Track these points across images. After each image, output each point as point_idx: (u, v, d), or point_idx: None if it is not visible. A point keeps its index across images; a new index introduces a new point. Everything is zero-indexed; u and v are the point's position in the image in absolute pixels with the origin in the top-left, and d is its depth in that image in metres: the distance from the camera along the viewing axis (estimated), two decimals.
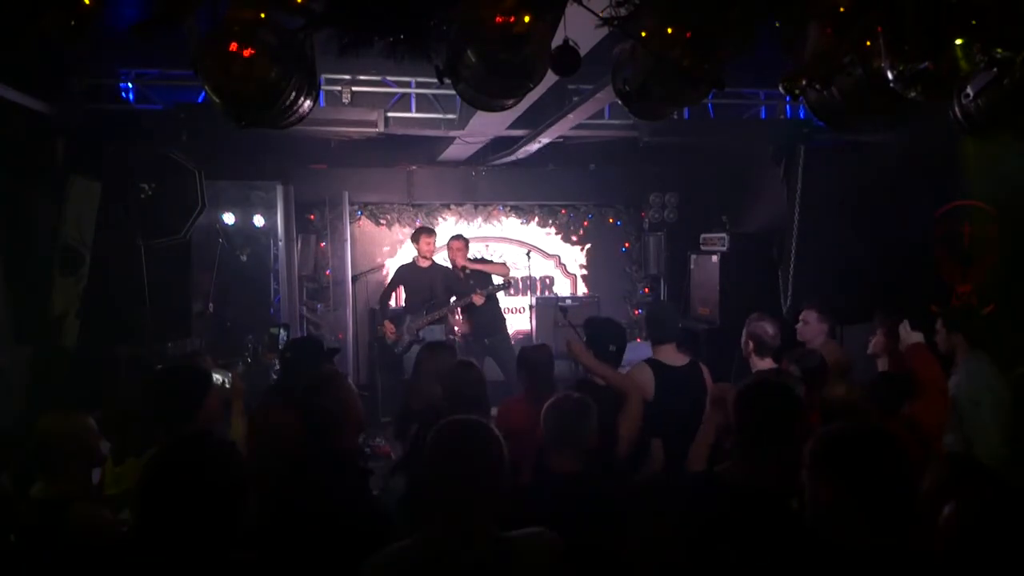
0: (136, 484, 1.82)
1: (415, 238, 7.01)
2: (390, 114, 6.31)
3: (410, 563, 1.89)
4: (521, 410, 3.69)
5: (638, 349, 5.83)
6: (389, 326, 6.82)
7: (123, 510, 2.67)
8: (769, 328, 4.15)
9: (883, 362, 4.18)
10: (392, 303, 7.13)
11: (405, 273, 7.02)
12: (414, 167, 8.20)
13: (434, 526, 1.91)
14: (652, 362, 4.06)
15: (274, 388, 3.58)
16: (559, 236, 8.82)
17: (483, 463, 1.91)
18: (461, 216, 8.49)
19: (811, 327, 4.67)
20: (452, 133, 6.54)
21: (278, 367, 3.61)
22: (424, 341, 6.53)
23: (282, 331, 4.90)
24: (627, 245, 8.90)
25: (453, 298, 6.84)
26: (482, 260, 7.45)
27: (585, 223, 8.79)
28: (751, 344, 4.17)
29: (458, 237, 7.12)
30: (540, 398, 3.39)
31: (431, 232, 7.09)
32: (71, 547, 2.41)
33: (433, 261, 7.01)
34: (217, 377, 3.94)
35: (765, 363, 4.14)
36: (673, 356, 4.13)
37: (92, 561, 2.21)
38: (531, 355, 4.05)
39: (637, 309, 8.69)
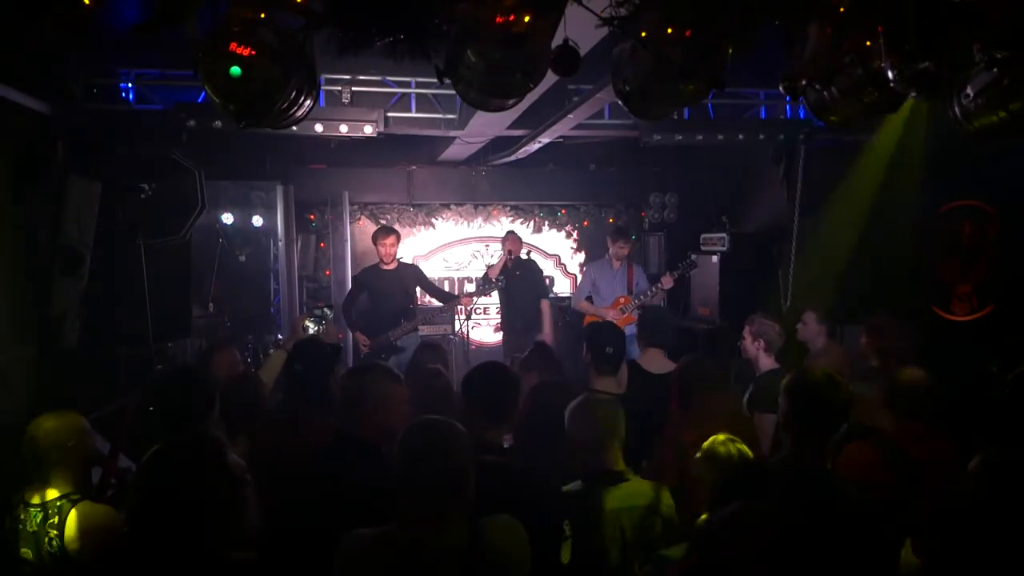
0: (131, 483, 1.83)
1: (373, 240, 6.54)
2: (390, 114, 6.31)
3: (386, 543, 1.99)
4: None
5: None
6: (362, 338, 6.35)
7: (123, 510, 2.67)
8: (776, 327, 4.22)
9: (875, 363, 4.18)
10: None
11: (369, 279, 6.55)
12: (414, 167, 8.20)
13: (408, 514, 2.00)
14: (631, 363, 4.08)
15: (284, 402, 3.47)
16: (560, 235, 8.82)
17: (452, 459, 2.01)
18: (461, 216, 8.48)
19: (809, 328, 4.75)
20: (452, 133, 6.54)
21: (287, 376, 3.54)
22: (401, 349, 6.24)
23: (327, 310, 4.66)
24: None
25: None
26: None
27: (585, 223, 8.79)
28: (762, 343, 4.20)
29: (513, 233, 7.24)
30: None
31: (388, 232, 6.54)
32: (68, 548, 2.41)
33: (399, 262, 6.56)
34: (311, 325, 4.14)
35: (770, 361, 4.17)
36: (657, 362, 4.12)
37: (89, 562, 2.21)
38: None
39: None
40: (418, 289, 6.79)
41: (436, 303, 7.05)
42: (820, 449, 2.53)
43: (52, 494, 2.52)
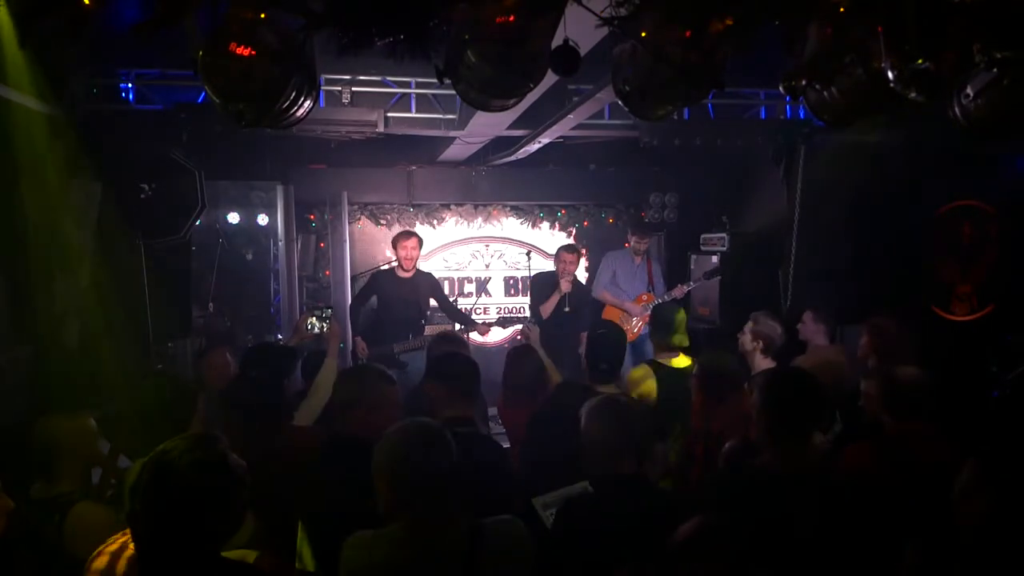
0: (132, 485, 1.83)
1: (393, 243, 6.25)
2: (390, 114, 6.30)
3: (390, 544, 2.03)
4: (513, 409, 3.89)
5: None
6: (361, 344, 5.99)
7: (122, 510, 2.67)
8: (779, 328, 4.20)
9: (873, 363, 4.18)
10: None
11: (382, 282, 6.24)
12: (414, 167, 8.20)
13: (409, 515, 2.05)
14: (653, 363, 4.09)
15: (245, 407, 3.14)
16: (562, 235, 8.81)
17: (448, 458, 2.09)
18: (461, 216, 8.48)
19: (807, 327, 4.75)
20: (452, 133, 6.54)
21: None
22: (404, 364, 5.88)
23: (328, 310, 4.47)
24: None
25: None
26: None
27: (585, 223, 8.79)
28: (760, 343, 4.18)
29: (571, 249, 6.41)
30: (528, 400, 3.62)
31: (410, 235, 6.22)
32: (69, 547, 2.41)
33: (417, 269, 6.25)
34: (314, 322, 4.15)
35: (767, 362, 4.15)
36: (678, 358, 4.15)
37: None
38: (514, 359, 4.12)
39: None
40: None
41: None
42: (798, 450, 2.47)
43: (54, 492, 2.52)
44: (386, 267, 6.57)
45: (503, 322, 6.60)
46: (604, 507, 2.47)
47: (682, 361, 4.14)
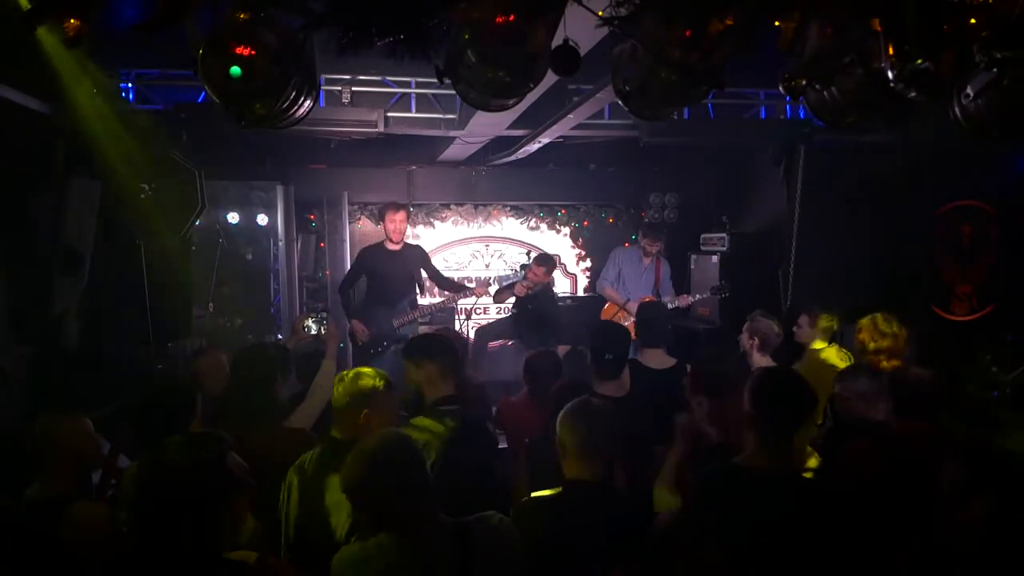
0: (131, 485, 1.83)
1: (380, 216, 6.17)
2: (390, 114, 6.31)
3: (379, 554, 2.03)
4: (523, 408, 3.89)
5: None
6: (359, 326, 5.94)
7: (122, 511, 2.67)
8: (775, 326, 4.25)
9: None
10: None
11: (372, 258, 6.15)
12: (414, 167, 8.20)
13: (399, 520, 2.06)
14: (632, 361, 4.11)
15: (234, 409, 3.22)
16: (564, 236, 8.81)
17: (416, 466, 2.11)
18: (461, 216, 8.48)
19: (802, 330, 4.75)
20: (452, 133, 6.54)
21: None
22: (404, 337, 5.76)
23: (324, 313, 4.47)
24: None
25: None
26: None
27: (585, 223, 8.79)
28: (756, 340, 4.23)
29: (543, 261, 6.29)
30: (542, 400, 3.55)
31: (398, 207, 6.14)
32: (67, 547, 2.41)
33: (405, 243, 6.23)
34: (312, 325, 4.14)
35: (765, 360, 4.20)
36: (658, 359, 4.15)
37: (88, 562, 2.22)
38: (536, 361, 4.12)
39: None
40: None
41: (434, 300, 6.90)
42: (784, 449, 2.47)
43: (51, 492, 2.52)
44: (371, 244, 6.42)
45: (499, 287, 6.60)
46: (562, 512, 2.38)
47: (664, 361, 4.16)
